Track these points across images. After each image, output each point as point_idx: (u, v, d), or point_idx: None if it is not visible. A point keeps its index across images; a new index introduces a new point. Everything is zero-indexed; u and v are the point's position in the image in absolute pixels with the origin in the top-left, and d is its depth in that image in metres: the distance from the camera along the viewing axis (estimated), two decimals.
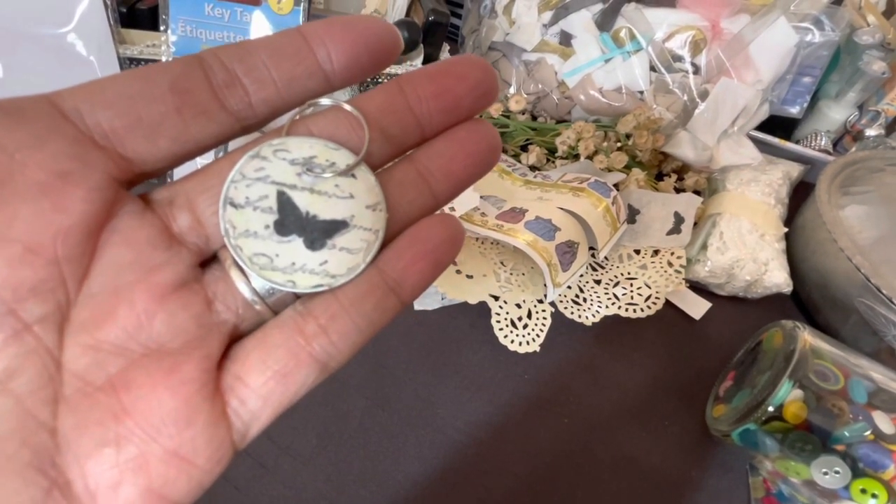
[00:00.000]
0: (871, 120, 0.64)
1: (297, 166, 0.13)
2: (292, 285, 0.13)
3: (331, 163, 0.13)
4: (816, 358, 0.35)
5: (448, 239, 0.14)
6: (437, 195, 0.15)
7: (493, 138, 0.15)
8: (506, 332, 0.43)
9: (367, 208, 0.14)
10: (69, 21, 0.43)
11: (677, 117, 0.59)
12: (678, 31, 0.57)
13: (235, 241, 0.13)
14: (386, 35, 0.13)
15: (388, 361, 0.41)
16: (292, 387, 0.13)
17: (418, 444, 0.37)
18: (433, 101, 0.14)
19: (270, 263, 0.13)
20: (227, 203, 0.13)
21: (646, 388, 0.42)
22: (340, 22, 0.13)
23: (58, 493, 0.11)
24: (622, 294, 0.47)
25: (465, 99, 0.14)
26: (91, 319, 0.12)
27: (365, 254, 0.14)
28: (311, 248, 0.13)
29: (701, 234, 0.50)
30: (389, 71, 0.54)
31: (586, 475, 0.37)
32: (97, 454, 0.12)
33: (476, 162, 0.15)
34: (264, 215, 0.13)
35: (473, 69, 0.14)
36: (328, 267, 0.13)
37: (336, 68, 0.13)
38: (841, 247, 0.45)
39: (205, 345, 0.13)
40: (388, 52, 0.13)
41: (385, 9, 0.54)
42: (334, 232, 0.14)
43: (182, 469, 0.12)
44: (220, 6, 0.45)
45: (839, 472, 0.32)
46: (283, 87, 0.13)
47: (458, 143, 0.14)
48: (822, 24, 0.57)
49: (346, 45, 0.13)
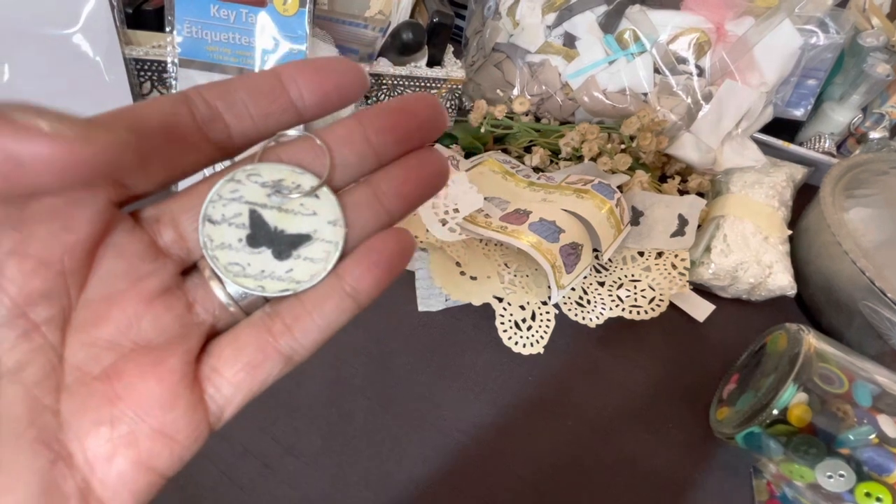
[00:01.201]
0: (875, 122, 0.64)
1: (267, 188, 0.15)
2: (262, 290, 0.15)
3: (297, 185, 0.15)
4: (821, 361, 0.35)
5: (400, 250, 0.16)
6: (391, 213, 0.17)
7: (441, 164, 0.17)
8: (510, 334, 0.43)
9: (328, 223, 0.16)
10: (75, 22, 0.43)
11: (681, 119, 0.59)
12: (682, 34, 0.57)
13: (212, 253, 0.15)
14: (352, 75, 0.15)
15: (392, 363, 0.41)
16: (260, 376, 0.16)
17: (422, 445, 0.37)
18: (388, 134, 0.16)
19: (243, 271, 0.15)
20: (205, 220, 0.15)
21: (649, 390, 0.42)
22: (312, 64, 0.15)
23: (62, 464, 0.13)
24: (626, 296, 0.47)
25: (416, 132, 0.16)
26: (89, 320, 0.14)
27: (326, 263, 0.16)
28: (279, 258, 0.15)
29: (705, 237, 0.50)
30: (400, 73, 0.54)
31: (589, 477, 0.37)
32: (94, 431, 0.14)
33: (425, 185, 0.17)
34: (238, 230, 0.15)
35: (424, 107, 0.16)
36: (293, 274, 0.16)
37: (307, 104, 0.15)
38: (845, 249, 0.45)
39: (186, 341, 0.15)
40: (354, 90, 0.15)
41: (389, 10, 0.54)
42: (299, 244, 0.16)
43: (166, 444, 0.14)
44: (226, 7, 0.46)
45: (844, 475, 0.32)
46: (259, 121, 0.15)
47: (410, 169, 0.17)
48: (826, 26, 0.57)
49: (316, 84, 0.15)
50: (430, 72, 0.56)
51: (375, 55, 0.55)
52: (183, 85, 0.47)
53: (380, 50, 0.55)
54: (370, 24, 0.54)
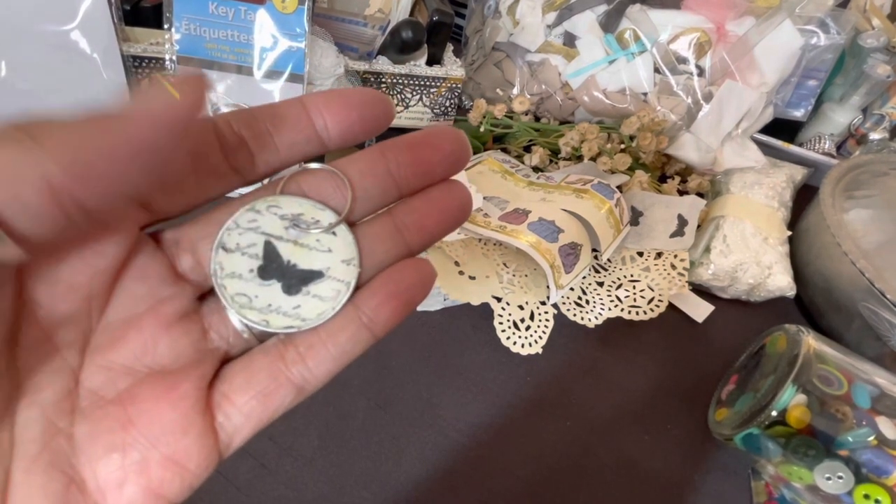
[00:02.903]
0: (875, 123, 0.64)
1: (285, 221, 0.15)
2: (265, 324, 0.15)
3: (315, 220, 0.15)
4: (820, 362, 0.35)
5: (419, 282, 0.16)
6: (410, 246, 0.16)
7: (464, 199, 0.17)
8: (508, 334, 0.43)
9: (342, 262, 0.15)
10: (73, 18, 0.43)
11: (681, 119, 0.59)
12: (683, 33, 0.57)
13: (221, 281, 0.15)
14: (379, 107, 0.15)
15: (391, 362, 0.41)
16: (272, 406, 0.15)
17: (420, 446, 0.36)
18: (410, 168, 0.16)
19: (249, 303, 0.15)
20: (219, 247, 0.15)
21: (648, 390, 0.42)
22: (338, 95, 0.15)
23: (75, 488, 0.13)
24: (625, 296, 0.47)
25: (439, 166, 0.16)
26: (106, 343, 0.14)
27: (335, 302, 0.15)
28: (288, 293, 0.15)
29: (704, 237, 0.50)
30: (399, 71, 0.54)
31: (588, 478, 0.37)
32: (106, 458, 0.14)
33: (448, 219, 0.17)
34: (250, 260, 0.15)
35: (447, 141, 0.16)
36: (300, 311, 0.15)
37: (332, 135, 0.15)
38: (845, 251, 0.45)
39: (200, 367, 0.15)
40: (380, 122, 0.15)
41: (389, 8, 0.54)
42: (310, 280, 0.15)
43: (176, 472, 0.14)
44: (225, 4, 0.45)
45: (842, 477, 0.32)
46: (283, 151, 0.15)
47: (433, 202, 0.16)
48: (827, 26, 0.57)
49: (342, 115, 0.15)
50: (430, 70, 0.56)
51: (375, 53, 0.55)
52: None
53: (379, 48, 0.55)
54: (370, 22, 0.54)
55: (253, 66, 0.47)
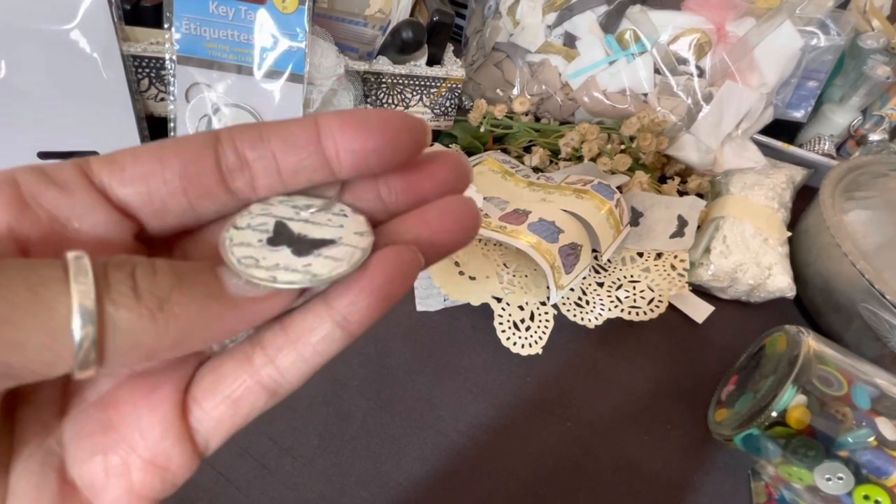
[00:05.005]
0: (874, 124, 0.64)
1: (297, 209, 0.15)
2: (272, 280, 0.14)
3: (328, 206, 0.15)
4: (820, 363, 0.35)
5: (398, 274, 0.14)
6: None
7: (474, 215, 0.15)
8: (508, 335, 0.43)
9: (354, 234, 0.15)
10: (73, 18, 0.43)
11: (681, 120, 0.59)
12: (683, 34, 0.57)
13: (229, 250, 0.14)
14: (404, 135, 0.13)
15: (390, 363, 0.41)
16: (242, 411, 0.15)
17: (420, 446, 0.36)
18: (402, 195, 0.15)
19: (256, 263, 0.14)
20: (230, 226, 0.14)
21: (648, 391, 0.42)
22: (355, 118, 0.13)
23: (68, 488, 0.14)
24: (625, 297, 0.47)
25: (432, 193, 0.15)
26: None
27: (348, 262, 0.14)
28: (298, 255, 0.14)
29: (704, 238, 0.50)
30: (399, 71, 0.54)
31: (588, 478, 0.37)
32: (90, 460, 0.14)
33: (453, 237, 0.16)
34: (260, 234, 0.14)
35: (444, 170, 0.15)
36: (311, 268, 0.14)
37: (343, 166, 0.14)
38: (844, 251, 0.45)
39: (180, 369, 0.15)
40: (404, 152, 0.14)
41: (389, 8, 0.54)
42: (321, 246, 0.14)
43: (157, 474, 0.14)
44: (225, 4, 0.45)
45: (842, 478, 0.32)
46: (287, 177, 0.14)
47: (429, 222, 0.15)
48: (827, 28, 0.57)
49: (357, 143, 0.13)
50: (430, 71, 0.56)
51: (375, 53, 0.55)
52: (181, 82, 0.47)
53: (379, 48, 0.55)
54: (370, 23, 0.54)
55: (253, 66, 0.47)
